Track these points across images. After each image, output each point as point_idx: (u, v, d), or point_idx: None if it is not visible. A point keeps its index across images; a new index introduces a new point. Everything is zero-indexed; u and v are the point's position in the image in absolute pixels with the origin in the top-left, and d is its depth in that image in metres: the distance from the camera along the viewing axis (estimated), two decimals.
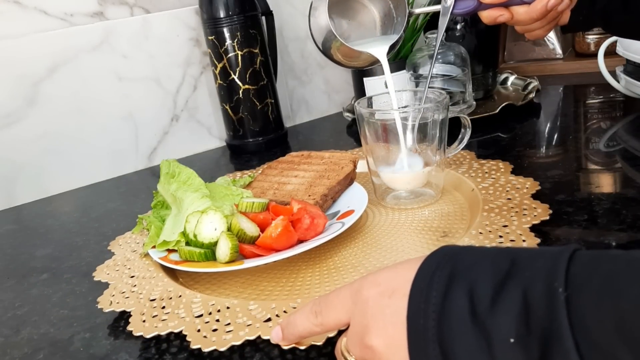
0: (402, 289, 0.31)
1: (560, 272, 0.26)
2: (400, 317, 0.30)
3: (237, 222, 0.55)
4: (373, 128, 0.63)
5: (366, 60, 0.63)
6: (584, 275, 0.26)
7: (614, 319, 0.23)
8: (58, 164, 0.93)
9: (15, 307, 0.57)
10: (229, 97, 0.95)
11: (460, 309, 0.28)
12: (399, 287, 0.31)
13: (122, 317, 0.50)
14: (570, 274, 0.26)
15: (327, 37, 0.60)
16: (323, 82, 1.15)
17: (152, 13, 0.96)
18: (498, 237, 0.51)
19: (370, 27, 0.65)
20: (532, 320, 0.26)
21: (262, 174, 0.73)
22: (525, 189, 0.60)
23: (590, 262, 0.26)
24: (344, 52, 0.62)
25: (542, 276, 0.26)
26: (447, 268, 0.30)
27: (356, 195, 0.65)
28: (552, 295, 0.25)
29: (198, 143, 1.05)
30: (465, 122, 0.66)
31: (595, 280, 0.25)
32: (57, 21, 0.90)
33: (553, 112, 0.94)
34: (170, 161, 0.64)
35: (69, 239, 0.73)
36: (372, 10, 0.65)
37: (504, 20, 0.59)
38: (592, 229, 0.52)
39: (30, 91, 0.89)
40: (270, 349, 0.42)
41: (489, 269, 0.29)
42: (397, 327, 0.30)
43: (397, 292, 0.31)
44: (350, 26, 0.64)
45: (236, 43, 0.92)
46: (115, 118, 0.97)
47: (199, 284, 0.55)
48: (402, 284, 0.31)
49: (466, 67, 0.90)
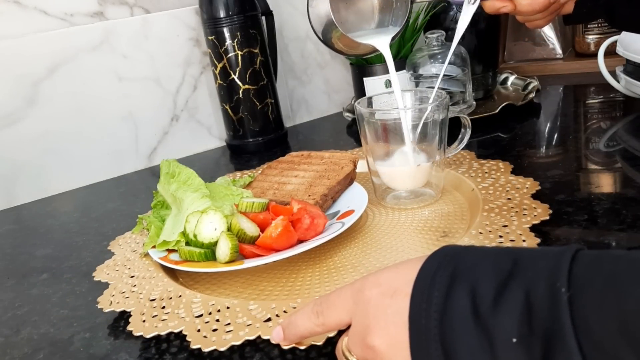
0: (404, 289, 0.31)
1: (562, 272, 0.26)
2: (402, 317, 0.30)
3: (237, 222, 0.55)
4: (373, 128, 0.63)
5: (367, 49, 0.63)
6: (587, 275, 0.25)
7: (617, 319, 0.23)
8: (58, 164, 0.93)
9: (15, 307, 0.57)
10: (229, 97, 0.95)
11: (462, 309, 0.28)
12: (401, 287, 0.31)
13: (122, 317, 0.50)
14: (572, 274, 0.26)
15: (326, 27, 0.60)
16: (323, 82, 1.15)
17: (152, 13, 0.96)
18: (498, 237, 0.51)
19: (368, 13, 0.64)
20: (535, 320, 0.25)
21: (262, 174, 0.73)
22: (525, 189, 0.60)
23: (593, 262, 0.26)
24: (345, 42, 0.61)
25: (545, 276, 0.26)
26: (449, 268, 0.30)
27: (356, 195, 0.65)
28: (554, 296, 0.25)
29: (198, 143, 1.05)
30: (465, 122, 0.66)
31: (598, 280, 0.25)
32: (57, 21, 0.90)
33: (553, 112, 0.94)
34: (170, 161, 0.64)
35: (69, 239, 0.73)
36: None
37: (506, 11, 0.59)
38: (592, 229, 0.52)
39: (30, 91, 0.89)
40: (270, 349, 0.42)
41: (490, 269, 0.28)
42: (398, 327, 0.30)
43: (399, 292, 0.31)
44: (348, 12, 0.64)
45: (236, 43, 0.92)
46: (115, 118, 0.97)
47: (199, 284, 0.55)
48: (403, 284, 0.31)
49: (466, 67, 0.90)
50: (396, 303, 0.31)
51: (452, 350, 0.28)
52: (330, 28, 0.60)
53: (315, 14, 0.60)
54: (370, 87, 0.99)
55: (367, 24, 0.65)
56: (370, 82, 0.99)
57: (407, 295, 0.30)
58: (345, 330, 0.36)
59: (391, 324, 0.31)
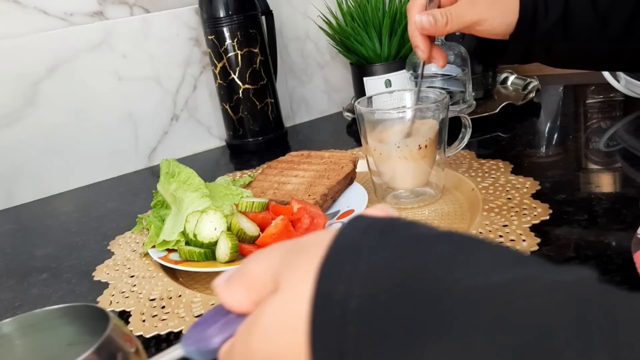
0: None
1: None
2: None
3: (237, 222, 0.55)
4: (373, 127, 0.63)
5: None
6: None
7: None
8: (58, 163, 0.93)
9: (15, 306, 0.57)
10: (229, 97, 0.95)
11: None
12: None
13: (122, 317, 0.50)
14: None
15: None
16: (323, 81, 1.15)
17: (152, 13, 0.96)
18: (498, 236, 0.51)
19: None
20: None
21: (262, 173, 0.73)
22: (525, 189, 0.60)
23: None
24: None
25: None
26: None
27: (356, 195, 0.65)
28: None
29: (198, 143, 1.05)
30: (465, 121, 0.66)
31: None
32: (57, 21, 0.90)
33: (553, 111, 0.94)
34: (170, 161, 0.64)
35: (69, 239, 0.73)
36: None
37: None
38: (592, 229, 0.52)
39: (30, 91, 0.89)
40: None
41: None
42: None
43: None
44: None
45: (236, 43, 0.92)
46: (115, 118, 0.97)
47: (198, 283, 0.55)
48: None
49: (466, 66, 0.90)
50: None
51: None
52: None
53: None
54: (370, 86, 0.99)
55: None
56: (370, 82, 0.99)
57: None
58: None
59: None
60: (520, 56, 0.56)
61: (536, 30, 0.53)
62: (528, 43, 0.54)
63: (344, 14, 1.00)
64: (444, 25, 0.55)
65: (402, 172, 0.64)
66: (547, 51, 0.55)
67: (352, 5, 1.00)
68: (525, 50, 0.55)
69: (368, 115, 0.63)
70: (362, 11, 0.98)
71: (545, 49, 0.55)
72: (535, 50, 0.55)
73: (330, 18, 1.03)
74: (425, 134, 0.61)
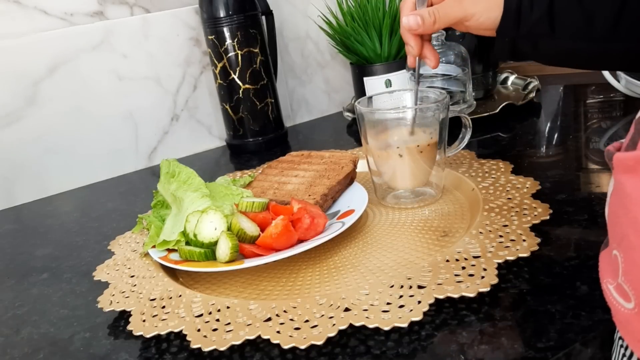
0: None
1: None
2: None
3: (237, 222, 0.55)
4: (373, 127, 0.63)
5: None
6: None
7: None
8: (58, 163, 0.93)
9: (15, 306, 0.57)
10: (229, 97, 0.95)
11: None
12: None
13: (122, 317, 0.50)
14: None
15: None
16: (323, 81, 1.15)
17: (152, 13, 0.96)
18: (498, 236, 0.51)
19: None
20: None
21: (262, 173, 0.73)
22: (526, 189, 0.60)
23: None
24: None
25: None
26: None
27: (356, 195, 0.65)
28: None
29: (198, 143, 1.05)
30: (465, 121, 0.66)
31: None
32: (57, 21, 0.90)
33: (553, 111, 0.94)
34: (170, 161, 0.64)
35: (69, 239, 0.73)
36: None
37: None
38: (593, 229, 0.52)
39: (30, 91, 0.89)
40: (270, 348, 0.42)
41: None
42: None
43: None
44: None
45: (236, 43, 0.92)
46: (115, 118, 0.97)
47: (199, 283, 0.55)
48: None
49: (466, 66, 0.90)
50: None
51: None
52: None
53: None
54: (370, 86, 0.99)
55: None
56: (370, 82, 0.99)
57: None
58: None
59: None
60: (508, 52, 0.56)
61: (521, 26, 0.53)
62: (514, 38, 0.55)
63: (344, 14, 1.00)
64: (432, 24, 0.56)
65: (402, 172, 0.64)
66: (535, 48, 0.55)
67: (352, 5, 1.00)
68: (513, 46, 0.55)
69: (368, 115, 0.63)
70: (362, 11, 0.98)
71: (532, 46, 0.55)
72: (522, 46, 0.55)
73: (330, 18, 1.03)
74: (426, 134, 0.61)
